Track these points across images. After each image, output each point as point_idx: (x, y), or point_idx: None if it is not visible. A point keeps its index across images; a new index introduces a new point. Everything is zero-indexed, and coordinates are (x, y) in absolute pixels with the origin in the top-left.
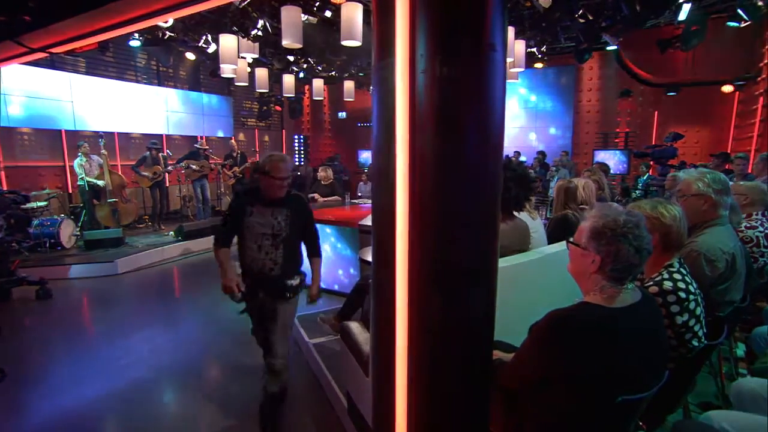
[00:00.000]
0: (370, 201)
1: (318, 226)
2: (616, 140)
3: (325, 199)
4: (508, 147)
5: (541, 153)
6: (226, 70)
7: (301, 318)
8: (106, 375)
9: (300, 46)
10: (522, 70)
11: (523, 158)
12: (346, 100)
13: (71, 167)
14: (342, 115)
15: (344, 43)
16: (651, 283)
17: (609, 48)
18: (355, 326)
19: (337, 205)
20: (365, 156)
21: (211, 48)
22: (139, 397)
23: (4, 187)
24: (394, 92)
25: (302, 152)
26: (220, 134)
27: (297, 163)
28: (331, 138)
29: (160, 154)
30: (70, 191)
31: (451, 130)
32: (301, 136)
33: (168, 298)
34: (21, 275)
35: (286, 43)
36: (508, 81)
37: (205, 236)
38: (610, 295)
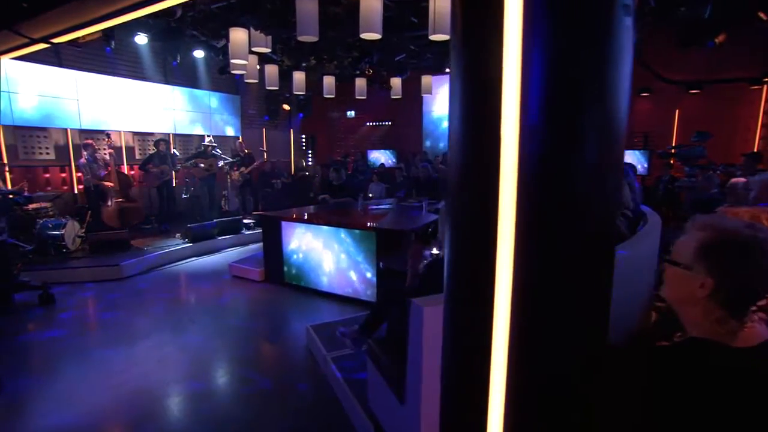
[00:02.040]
0: (382, 202)
1: (331, 229)
2: (635, 140)
3: (337, 200)
4: None
5: None
6: (236, 66)
7: (317, 327)
8: (110, 388)
9: (316, 39)
10: None
11: None
12: (357, 98)
13: (77, 167)
14: (351, 113)
15: (363, 36)
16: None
17: None
18: (384, 345)
19: (350, 206)
20: (375, 156)
21: (221, 43)
22: (144, 414)
23: (8, 187)
24: (497, 77)
25: (310, 152)
26: (228, 133)
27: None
28: (340, 137)
29: (168, 153)
30: (76, 191)
31: (571, 124)
32: (310, 136)
33: (175, 304)
34: (23, 279)
35: (301, 37)
36: None
37: (213, 238)
38: (731, 329)
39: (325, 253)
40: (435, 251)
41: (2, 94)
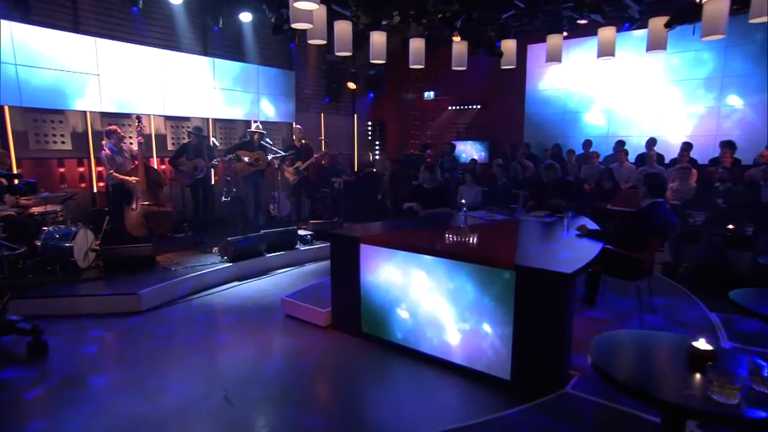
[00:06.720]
0: (493, 214)
1: (436, 259)
2: None
3: (429, 211)
4: (667, 137)
5: (729, 144)
6: (300, 16)
7: None
8: None
9: None
10: None
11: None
12: (454, 69)
13: (97, 159)
14: (429, 95)
15: None
16: None
17: None
18: None
19: (449, 220)
20: (461, 149)
21: None
22: None
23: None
24: None
25: (377, 143)
26: (280, 118)
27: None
28: (416, 125)
29: (205, 144)
30: (95, 190)
31: None
32: (378, 123)
33: (205, 364)
34: (11, 317)
35: None
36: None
37: (258, 256)
38: None
39: (427, 296)
40: None
41: (8, 66)
